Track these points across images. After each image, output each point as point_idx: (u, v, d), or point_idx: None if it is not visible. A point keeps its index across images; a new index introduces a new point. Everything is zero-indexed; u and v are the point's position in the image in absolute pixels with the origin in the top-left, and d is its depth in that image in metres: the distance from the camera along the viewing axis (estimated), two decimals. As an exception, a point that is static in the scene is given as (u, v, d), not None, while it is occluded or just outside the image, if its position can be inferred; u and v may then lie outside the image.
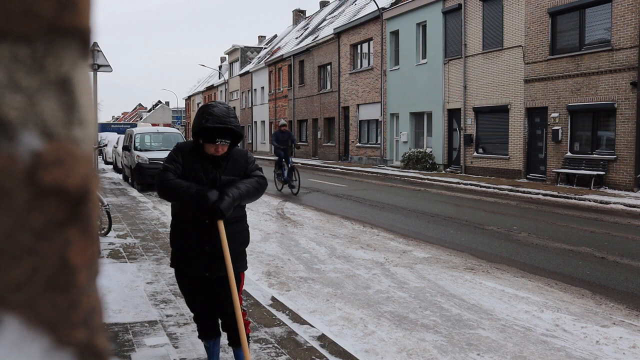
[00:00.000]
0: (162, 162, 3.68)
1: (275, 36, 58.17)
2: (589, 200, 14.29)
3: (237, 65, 56.60)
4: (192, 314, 3.99)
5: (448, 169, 23.66)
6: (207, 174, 3.58)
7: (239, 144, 3.74)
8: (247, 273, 6.14)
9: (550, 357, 4.66)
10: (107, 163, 30.71)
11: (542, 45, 18.78)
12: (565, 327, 5.31)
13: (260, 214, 12.30)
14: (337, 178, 22.13)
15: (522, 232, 10.08)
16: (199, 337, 3.92)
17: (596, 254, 8.27)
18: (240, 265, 3.75)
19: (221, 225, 3.49)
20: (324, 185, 18.97)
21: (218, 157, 3.58)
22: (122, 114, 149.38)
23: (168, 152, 4.16)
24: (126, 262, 7.44)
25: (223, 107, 3.55)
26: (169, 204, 3.85)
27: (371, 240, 9.45)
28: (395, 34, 27.53)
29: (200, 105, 75.25)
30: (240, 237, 3.76)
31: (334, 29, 33.15)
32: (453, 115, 23.59)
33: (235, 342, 3.73)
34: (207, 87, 67.64)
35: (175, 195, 3.53)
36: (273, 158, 19.48)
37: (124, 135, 22.54)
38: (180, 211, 3.69)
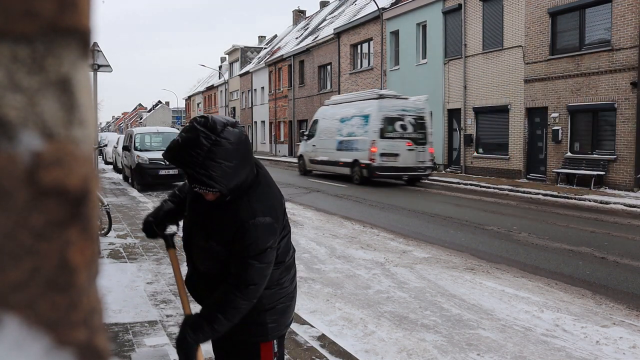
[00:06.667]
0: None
1: (275, 36, 58.16)
2: (589, 200, 14.29)
3: (237, 65, 56.59)
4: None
5: (448, 169, 23.66)
6: (190, 216, 2.46)
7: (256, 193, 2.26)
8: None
9: (550, 357, 4.66)
10: (107, 163, 30.70)
11: (542, 45, 18.78)
12: (566, 327, 5.31)
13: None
14: (337, 178, 22.10)
15: (522, 232, 10.08)
16: None
17: (596, 254, 8.27)
18: (247, 336, 2.42)
19: (174, 261, 2.62)
20: (324, 185, 18.96)
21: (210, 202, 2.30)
22: (122, 114, 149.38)
23: None
24: (126, 262, 7.44)
25: (206, 140, 2.03)
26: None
27: (371, 240, 9.44)
28: (395, 34, 27.52)
29: (199, 105, 72.75)
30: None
31: (334, 29, 33.14)
32: (453, 115, 23.59)
33: None
34: (207, 87, 67.64)
35: None
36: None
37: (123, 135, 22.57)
38: None
